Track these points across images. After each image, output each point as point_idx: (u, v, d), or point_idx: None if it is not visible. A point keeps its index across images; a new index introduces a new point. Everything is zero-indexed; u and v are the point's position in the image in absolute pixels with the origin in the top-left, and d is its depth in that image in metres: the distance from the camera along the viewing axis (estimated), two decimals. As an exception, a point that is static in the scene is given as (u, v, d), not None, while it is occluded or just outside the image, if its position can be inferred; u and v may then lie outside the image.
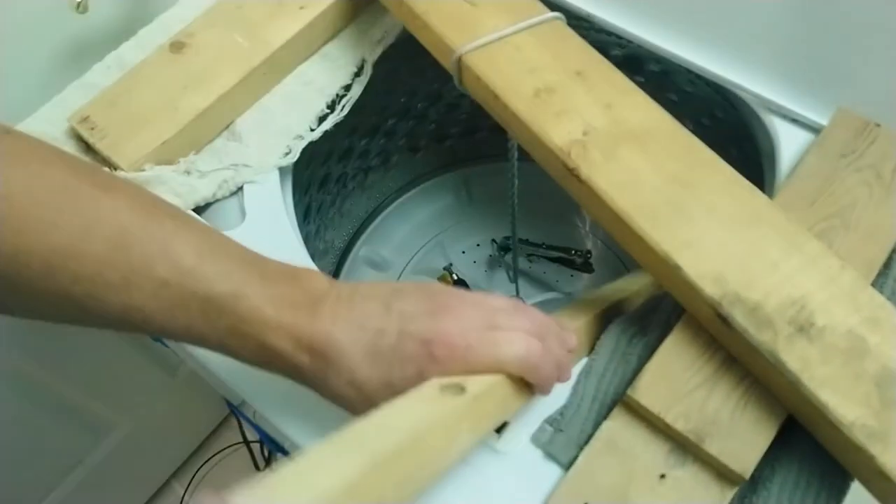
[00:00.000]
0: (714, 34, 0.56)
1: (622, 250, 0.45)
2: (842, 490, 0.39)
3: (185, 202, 0.52)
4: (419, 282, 0.37)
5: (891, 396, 0.36)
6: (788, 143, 0.54)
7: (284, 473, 0.24)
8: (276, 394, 0.44)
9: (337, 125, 0.60)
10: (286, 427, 0.43)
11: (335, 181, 0.82)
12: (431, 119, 0.88)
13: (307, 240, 0.78)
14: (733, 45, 0.56)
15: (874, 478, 0.36)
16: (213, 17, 0.59)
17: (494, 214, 0.90)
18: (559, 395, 0.43)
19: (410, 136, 0.89)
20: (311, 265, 0.50)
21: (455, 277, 0.85)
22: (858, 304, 0.39)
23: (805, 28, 0.52)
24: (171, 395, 1.06)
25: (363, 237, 0.92)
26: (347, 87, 0.61)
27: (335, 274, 0.88)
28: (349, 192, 0.87)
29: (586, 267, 0.85)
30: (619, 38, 0.61)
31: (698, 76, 0.58)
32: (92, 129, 0.52)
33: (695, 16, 0.57)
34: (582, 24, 0.61)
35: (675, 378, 0.40)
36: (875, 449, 0.35)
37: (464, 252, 0.90)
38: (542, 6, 0.54)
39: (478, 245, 0.91)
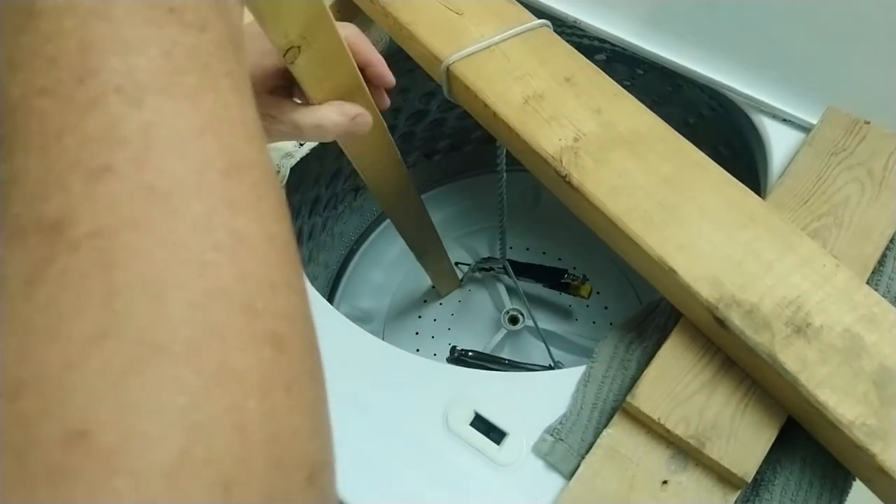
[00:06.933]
0: (702, 37, 0.57)
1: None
2: (843, 490, 0.39)
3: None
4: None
5: (889, 394, 0.36)
6: (779, 142, 0.54)
7: None
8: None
9: (324, 146, 0.60)
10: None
11: (325, 204, 0.82)
12: (419, 135, 0.88)
13: (302, 265, 0.77)
14: (722, 47, 0.56)
15: (876, 476, 0.36)
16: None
17: (492, 226, 0.89)
18: (559, 404, 0.43)
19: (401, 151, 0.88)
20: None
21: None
22: (854, 302, 0.39)
23: (792, 28, 0.52)
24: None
25: (356, 257, 0.91)
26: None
27: (330, 296, 0.88)
28: (339, 213, 0.87)
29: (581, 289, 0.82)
30: (604, 41, 0.61)
31: (687, 78, 0.58)
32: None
33: (682, 19, 0.57)
34: (567, 31, 0.61)
35: (675, 383, 0.40)
36: (875, 447, 0.35)
37: (457, 264, 0.90)
38: (528, 13, 0.54)
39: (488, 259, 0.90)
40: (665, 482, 0.39)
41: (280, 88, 0.40)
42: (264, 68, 0.38)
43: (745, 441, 0.38)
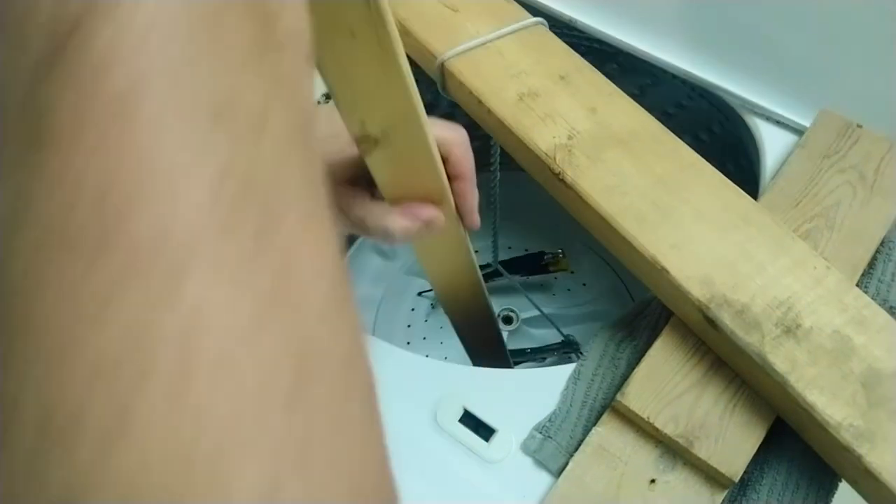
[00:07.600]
0: (697, 38, 0.57)
1: (609, 254, 0.45)
2: (829, 491, 0.39)
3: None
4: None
5: (877, 396, 0.37)
6: (772, 145, 0.54)
7: None
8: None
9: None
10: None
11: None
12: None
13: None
14: (717, 48, 0.56)
15: (862, 478, 0.36)
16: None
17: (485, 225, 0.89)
18: (548, 401, 0.43)
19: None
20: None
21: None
22: (844, 304, 0.40)
23: (787, 31, 0.52)
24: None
25: (359, 241, 0.91)
26: (328, 96, 0.61)
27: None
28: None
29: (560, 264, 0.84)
30: (602, 43, 0.61)
31: (682, 80, 0.58)
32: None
33: (678, 20, 0.57)
34: (565, 31, 0.61)
35: (664, 382, 0.40)
36: (862, 449, 0.35)
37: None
38: (524, 11, 0.54)
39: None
40: (653, 481, 0.39)
41: (361, 179, 0.33)
42: (348, 156, 0.33)
43: (733, 441, 0.38)
